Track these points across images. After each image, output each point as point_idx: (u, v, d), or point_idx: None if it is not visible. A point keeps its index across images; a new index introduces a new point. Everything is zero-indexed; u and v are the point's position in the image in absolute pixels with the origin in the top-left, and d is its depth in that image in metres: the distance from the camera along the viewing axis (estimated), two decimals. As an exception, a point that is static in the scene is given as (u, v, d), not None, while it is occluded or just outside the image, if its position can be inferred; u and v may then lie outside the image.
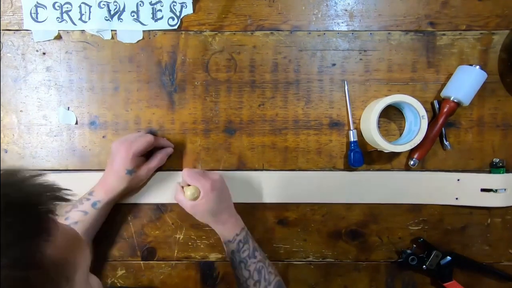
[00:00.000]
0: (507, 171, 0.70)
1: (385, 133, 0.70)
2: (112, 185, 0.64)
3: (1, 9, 0.69)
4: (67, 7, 0.68)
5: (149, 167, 0.66)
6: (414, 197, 0.70)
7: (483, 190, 0.70)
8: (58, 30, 0.69)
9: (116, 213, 0.69)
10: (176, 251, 0.71)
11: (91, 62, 0.70)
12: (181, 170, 0.70)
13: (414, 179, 0.70)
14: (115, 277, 0.71)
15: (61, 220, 0.60)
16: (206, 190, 0.61)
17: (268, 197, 0.70)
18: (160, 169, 0.69)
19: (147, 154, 0.67)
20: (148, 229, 0.71)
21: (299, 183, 0.70)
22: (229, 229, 0.63)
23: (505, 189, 0.69)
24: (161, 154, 0.68)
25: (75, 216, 0.61)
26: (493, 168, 0.70)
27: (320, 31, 0.69)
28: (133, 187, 0.67)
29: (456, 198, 0.70)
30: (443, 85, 0.69)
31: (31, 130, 0.70)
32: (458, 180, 0.70)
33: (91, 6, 0.68)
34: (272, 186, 0.70)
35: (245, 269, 0.62)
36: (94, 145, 0.70)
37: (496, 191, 0.69)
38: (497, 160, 0.70)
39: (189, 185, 0.62)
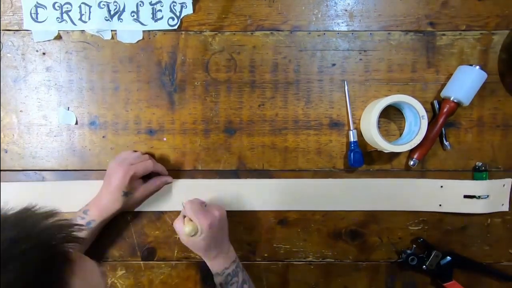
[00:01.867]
0: (505, 175, 0.69)
1: (385, 133, 0.70)
2: (107, 205, 0.64)
3: (1, 9, 0.69)
4: (67, 7, 0.68)
5: (146, 192, 0.67)
6: (399, 204, 0.70)
7: (466, 196, 0.69)
8: (58, 30, 0.69)
9: (116, 213, 0.69)
10: (176, 251, 0.71)
11: (91, 62, 0.70)
12: (182, 170, 0.70)
13: (398, 185, 0.70)
14: (115, 277, 0.71)
15: None
16: (203, 229, 0.60)
17: (268, 205, 0.70)
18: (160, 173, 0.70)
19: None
20: (148, 229, 0.71)
21: (299, 189, 0.70)
22: (218, 263, 0.63)
23: (487, 196, 0.69)
24: (160, 181, 0.68)
25: None
26: (476, 172, 0.70)
27: (320, 31, 0.69)
28: (128, 208, 0.67)
29: (440, 205, 0.70)
30: (443, 85, 0.69)
31: (31, 130, 0.70)
32: (442, 186, 0.70)
33: (91, 6, 0.68)
34: (272, 194, 0.70)
35: None
36: (94, 145, 0.70)
37: (479, 197, 0.69)
38: (480, 164, 0.69)
39: (190, 219, 0.61)
